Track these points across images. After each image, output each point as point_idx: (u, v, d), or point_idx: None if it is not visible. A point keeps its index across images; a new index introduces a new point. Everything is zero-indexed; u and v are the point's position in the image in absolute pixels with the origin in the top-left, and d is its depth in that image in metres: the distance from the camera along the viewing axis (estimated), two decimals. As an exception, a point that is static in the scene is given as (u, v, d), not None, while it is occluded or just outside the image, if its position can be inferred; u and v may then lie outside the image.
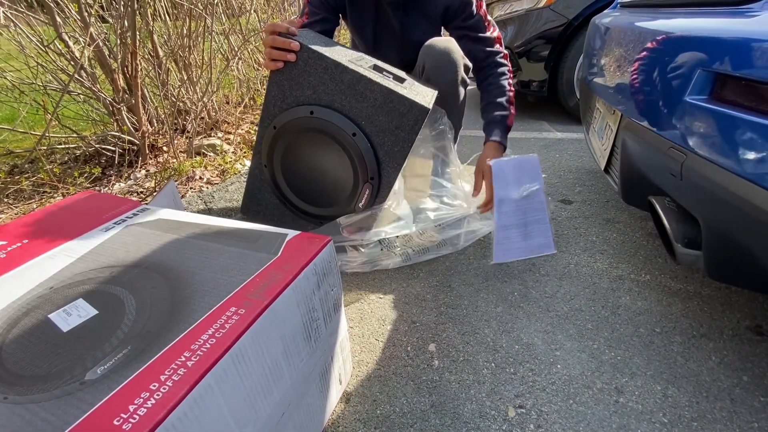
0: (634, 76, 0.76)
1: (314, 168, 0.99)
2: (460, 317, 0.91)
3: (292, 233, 0.64)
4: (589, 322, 0.88)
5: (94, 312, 0.49)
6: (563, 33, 2.14)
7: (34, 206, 1.48)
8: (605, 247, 1.14)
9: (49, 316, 0.49)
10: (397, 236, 1.07)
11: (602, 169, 1.02)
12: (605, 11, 1.29)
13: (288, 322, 0.53)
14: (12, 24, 1.61)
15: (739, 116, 0.49)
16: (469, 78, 1.17)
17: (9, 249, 0.64)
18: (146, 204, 0.80)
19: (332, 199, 1.02)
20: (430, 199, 1.17)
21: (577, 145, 1.96)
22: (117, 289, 0.53)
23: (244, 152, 1.97)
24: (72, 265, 0.60)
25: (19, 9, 1.67)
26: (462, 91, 1.14)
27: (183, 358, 0.41)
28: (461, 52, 1.06)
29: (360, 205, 1.00)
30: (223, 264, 0.57)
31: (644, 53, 0.73)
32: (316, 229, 1.07)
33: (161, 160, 1.85)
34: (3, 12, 1.48)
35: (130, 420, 0.35)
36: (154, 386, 0.38)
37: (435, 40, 1.06)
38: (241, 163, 1.81)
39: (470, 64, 1.11)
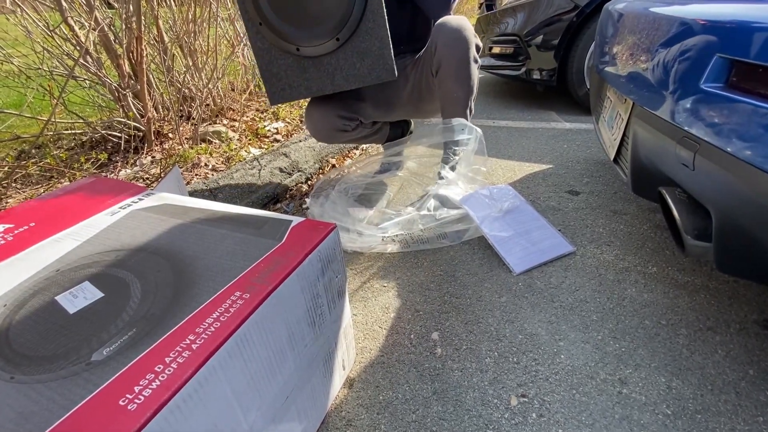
0: (648, 64, 0.74)
1: None
2: (463, 306, 0.91)
3: (296, 220, 0.64)
4: (593, 313, 0.88)
5: (100, 295, 0.50)
6: (574, 20, 2.09)
7: (42, 191, 1.49)
8: (612, 239, 1.13)
9: (55, 297, 0.49)
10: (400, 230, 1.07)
11: (612, 159, 1.01)
12: (619, -3, 1.25)
13: (292, 308, 0.53)
14: (18, 9, 1.60)
15: (756, 104, 0.47)
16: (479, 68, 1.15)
17: (16, 232, 0.65)
18: (151, 189, 0.80)
19: (323, 9, 0.98)
20: (439, 186, 1.17)
21: (585, 136, 1.93)
22: (123, 272, 0.54)
23: (249, 140, 1.96)
24: (78, 248, 0.60)
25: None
26: (474, 68, 1.12)
27: (188, 341, 0.41)
28: (473, 31, 1.04)
29: None
30: (227, 249, 0.57)
31: (659, 40, 0.71)
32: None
33: (167, 147, 1.85)
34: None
35: (135, 401, 0.35)
36: (159, 368, 0.38)
37: (447, 19, 1.04)
38: (246, 150, 1.81)
39: (481, 44, 1.09)
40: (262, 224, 0.63)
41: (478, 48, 1.09)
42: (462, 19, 1.05)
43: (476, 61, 1.11)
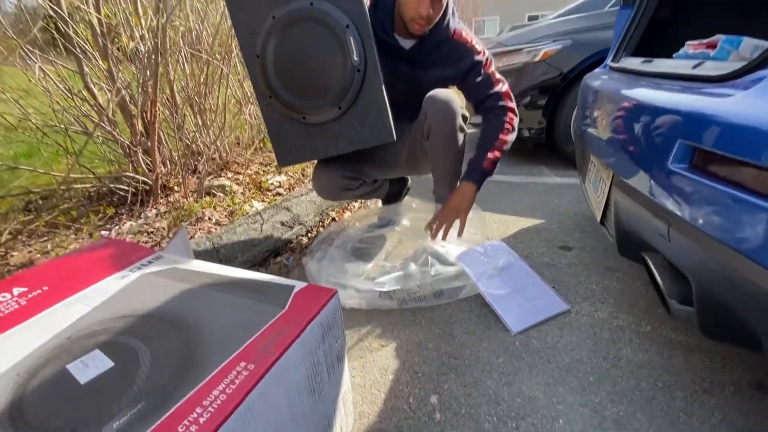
0: (622, 139, 0.81)
1: (308, 57, 1.06)
2: (462, 368, 0.92)
3: (299, 285, 0.67)
4: (590, 374, 0.89)
5: (110, 364, 0.52)
6: (559, 84, 2.26)
7: (48, 245, 1.53)
8: (605, 296, 1.16)
9: (67, 366, 0.51)
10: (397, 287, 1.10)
11: (598, 220, 1.06)
12: (597, 70, 1.38)
13: (293, 377, 0.55)
14: (43, 74, 1.72)
15: (718, 187, 0.53)
16: (468, 124, 1.26)
17: (30, 296, 0.67)
18: (160, 252, 0.83)
19: (326, 82, 1.07)
20: (434, 244, 1.21)
21: (575, 190, 2.01)
22: (132, 340, 0.56)
23: (252, 193, 2.03)
24: (89, 314, 0.63)
25: (49, 58, 1.80)
26: (460, 137, 1.23)
27: (195, 415, 0.43)
28: (459, 103, 1.16)
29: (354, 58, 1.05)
30: (233, 316, 0.60)
31: (630, 119, 0.79)
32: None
33: (171, 200, 1.91)
34: (39, 67, 1.59)
35: (144, 478, 0.36)
36: (167, 443, 0.40)
37: (436, 91, 1.15)
38: (249, 204, 1.87)
39: (467, 114, 1.21)
40: (265, 289, 0.67)
41: (464, 118, 1.19)
42: (449, 92, 1.16)
43: (462, 130, 1.22)
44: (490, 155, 1.22)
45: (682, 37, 1.15)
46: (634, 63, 1.01)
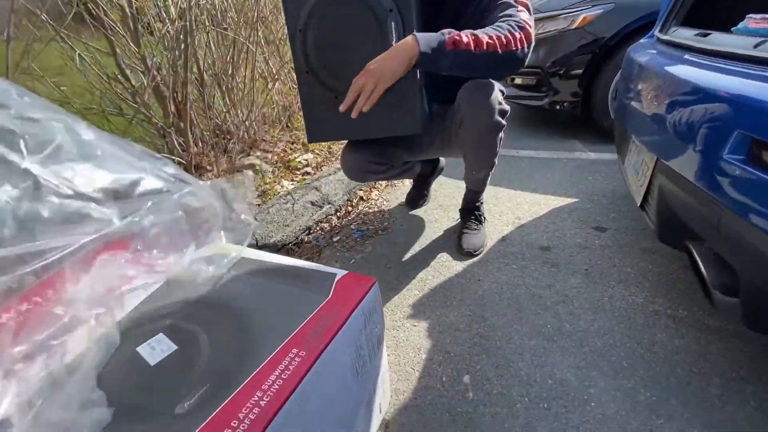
0: (670, 123, 0.77)
1: (347, 36, 1.05)
2: (493, 349, 0.94)
3: (340, 273, 0.70)
4: (624, 359, 0.89)
5: (174, 347, 0.57)
6: (598, 53, 2.13)
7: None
8: (641, 279, 1.14)
9: (137, 349, 0.57)
10: None
11: (638, 205, 1.03)
12: (642, 41, 1.29)
13: (340, 362, 0.58)
14: (78, 56, 1.77)
15: (776, 182, 0.51)
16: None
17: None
18: (206, 237, 0.88)
19: (362, 65, 1.03)
20: None
21: (611, 167, 1.93)
22: (192, 325, 0.61)
23: (282, 173, 2.07)
24: (151, 296, 0.68)
25: (82, 39, 1.84)
26: (494, 137, 1.14)
27: (256, 398, 0.47)
28: (499, 96, 1.07)
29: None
30: (281, 304, 0.63)
31: (680, 102, 0.74)
32: None
33: (204, 179, 1.98)
34: (78, 54, 1.63)
35: (219, 455, 0.41)
36: (235, 423, 0.44)
37: (473, 82, 1.08)
38: (279, 185, 1.90)
39: (507, 108, 1.12)
40: (309, 278, 0.70)
41: (503, 113, 1.10)
42: (488, 84, 1.07)
43: (498, 127, 1.12)
44: (464, 38, 0.93)
45: (742, 5, 1.05)
46: (686, 36, 0.94)
